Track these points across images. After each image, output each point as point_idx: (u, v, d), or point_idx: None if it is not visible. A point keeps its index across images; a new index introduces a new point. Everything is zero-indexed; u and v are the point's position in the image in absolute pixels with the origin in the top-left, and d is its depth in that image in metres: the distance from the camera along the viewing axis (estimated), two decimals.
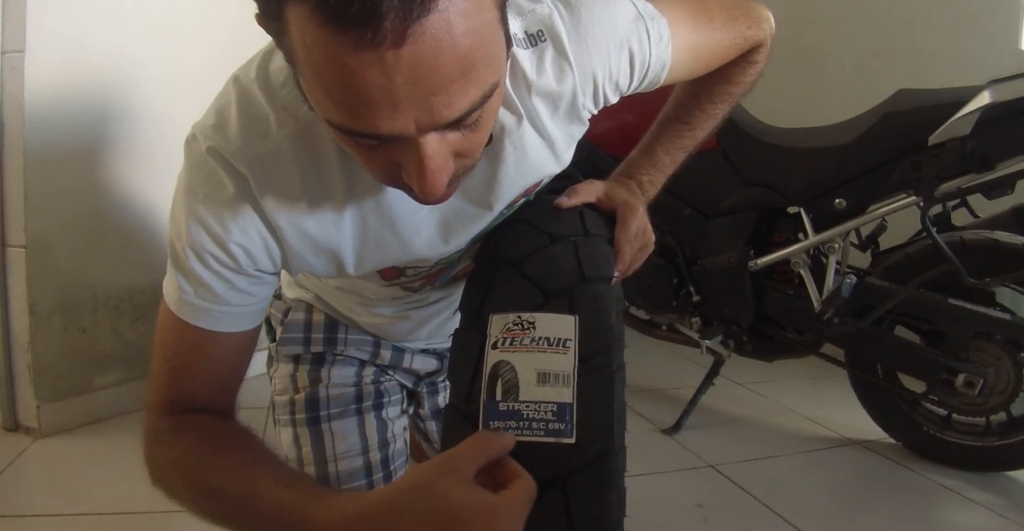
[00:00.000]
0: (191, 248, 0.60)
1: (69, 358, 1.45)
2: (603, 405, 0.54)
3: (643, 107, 1.66)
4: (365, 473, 0.89)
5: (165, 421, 0.65)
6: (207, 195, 0.59)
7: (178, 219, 0.62)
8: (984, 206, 1.44)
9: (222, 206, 0.59)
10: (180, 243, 0.61)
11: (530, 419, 0.53)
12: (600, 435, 0.53)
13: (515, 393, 0.54)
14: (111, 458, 1.35)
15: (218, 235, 0.59)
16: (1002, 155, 1.28)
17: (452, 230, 0.68)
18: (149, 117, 1.55)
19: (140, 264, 1.59)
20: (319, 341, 0.92)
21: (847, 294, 1.45)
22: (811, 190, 1.49)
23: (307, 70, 0.44)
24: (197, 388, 0.65)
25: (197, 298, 0.61)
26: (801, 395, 1.98)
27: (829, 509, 1.35)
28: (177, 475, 0.65)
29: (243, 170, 0.58)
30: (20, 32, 1.30)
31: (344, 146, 0.51)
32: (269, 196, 0.59)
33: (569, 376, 0.54)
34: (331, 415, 0.90)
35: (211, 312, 0.62)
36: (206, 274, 0.60)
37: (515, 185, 0.68)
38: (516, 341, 0.55)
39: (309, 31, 0.40)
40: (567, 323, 0.56)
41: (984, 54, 2.07)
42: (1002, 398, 1.40)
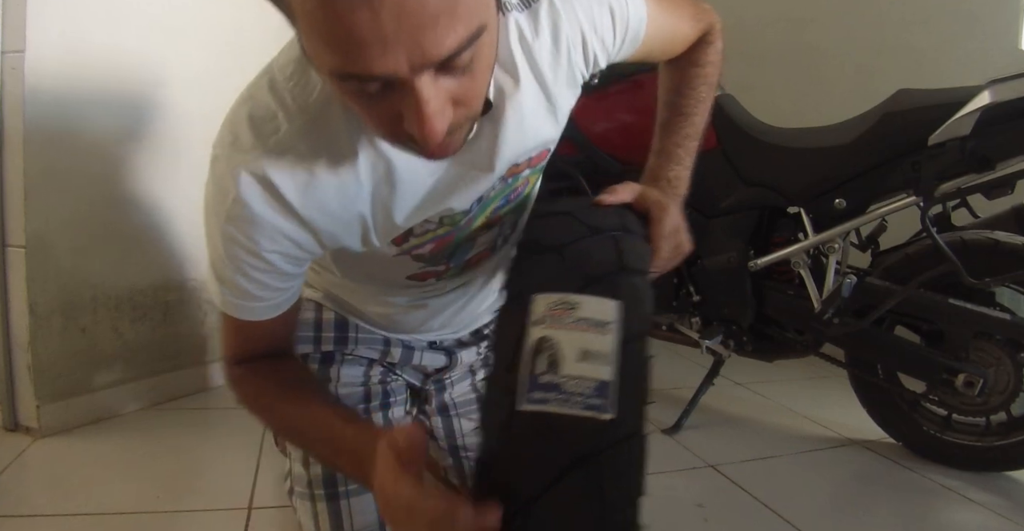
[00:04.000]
0: (230, 262, 0.66)
1: (69, 358, 1.45)
2: (639, 387, 0.56)
3: (640, 107, 1.66)
4: None
5: (240, 368, 0.77)
6: (232, 215, 0.63)
7: (213, 237, 0.67)
8: (984, 206, 1.44)
9: (248, 223, 0.63)
10: (218, 258, 0.67)
11: (570, 393, 0.54)
12: (635, 415, 0.55)
13: (556, 368, 0.55)
14: (111, 458, 1.35)
15: (252, 249, 0.65)
16: (1002, 155, 1.28)
17: (451, 192, 0.71)
18: (149, 117, 1.55)
19: (140, 264, 1.59)
20: (329, 340, 0.94)
21: (847, 294, 1.45)
22: (811, 190, 1.49)
23: (304, 22, 0.47)
24: (259, 348, 0.77)
25: (239, 299, 0.70)
26: (801, 395, 1.98)
27: (829, 509, 1.35)
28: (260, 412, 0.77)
29: (267, 175, 0.61)
30: (20, 32, 1.30)
31: (349, 102, 0.53)
32: (295, 191, 0.63)
33: (609, 356, 0.55)
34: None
35: (253, 309, 0.72)
36: (245, 281, 0.68)
37: (517, 147, 0.71)
38: (559, 320, 0.57)
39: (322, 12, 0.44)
40: (609, 307, 0.58)
41: (984, 54, 2.07)
42: (1002, 398, 1.40)
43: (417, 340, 0.99)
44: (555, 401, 0.54)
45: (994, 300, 1.46)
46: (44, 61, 1.34)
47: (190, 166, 1.67)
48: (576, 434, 0.53)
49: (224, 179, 0.62)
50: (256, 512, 1.18)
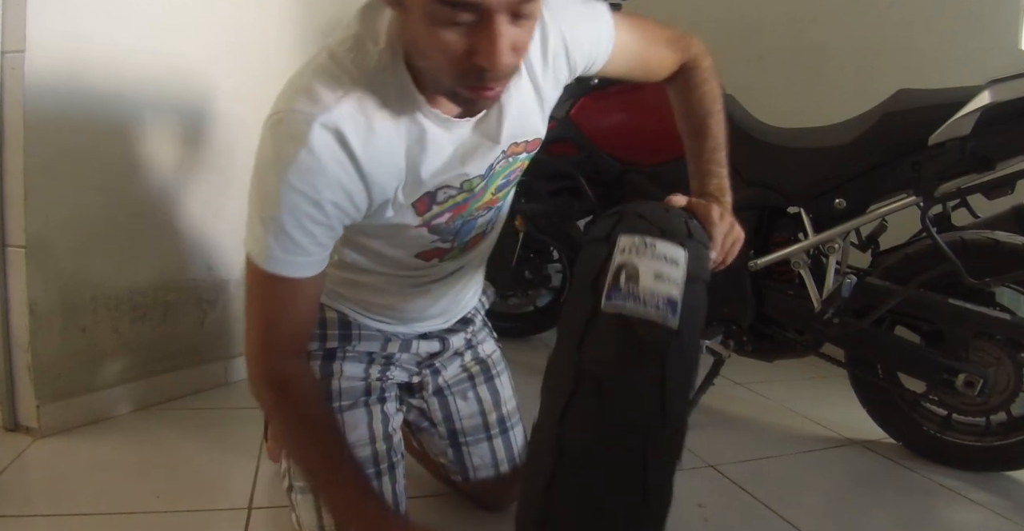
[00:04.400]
0: (288, 215, 0.74)
1: (69, 358, 1.45)
2: (697, 316, 0.69)
3: (640, 107, 1.67)
4: (372, 462, 0.97)
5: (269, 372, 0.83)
6: (300, 165, 0.72)
7: (269, 190, 0.74)
8: (984, 206, 1.44)
9: (314, 173, 0.73)
10: (273, 210, 0.74)
11: (645, 302, 0.66)
12: (694, 335, 0.67)
13: (635, 283, 0.67)
14: (111, 458, 1.35)
15: (313, 198, 0.74)
16: (1002, 155, 1.28)
17: (468, 157, 0.84)
18: (150, 117, 1.55)
19: (140, 264, 1.59)
20: (334, 337, 1.02)
21: (847, 294, 1.45)
22: (811, 190, 1.49)
23: None
24: (286, 333, 0.83)
25: (289, 254, 0.77)
26: (801, 395, 1.98)
27: (829, 509, 1.35)
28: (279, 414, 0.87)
29: (338, 127, 0.73)
30: (20, 32, 1.30)
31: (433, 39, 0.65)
32: (358, 141, 0.74)
33: (678, 282, 0.68)
34: (343, 406, 0.98)
35: (301, 264, 0.78)
36: (299, 233, 0.76)
37: (516, 127, 0.85)
38: (640, 253, 0.70)
39: None
40: (679, 251, 0.71)
41: (984, 54, 2.07)
42: (1002, 398, 1.40)
43: (413, 332, 1.07)
44: (632, 305, 0.65)
45: (994, 300, 1.46)
46: (44, 61, 1.34)
47: (191, 166, 1.67)
48: (647, 330, 0.64)
49: (295, 133, 0.72)
50: (256, 512, 1.18)
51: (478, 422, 1.16)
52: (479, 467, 1.17)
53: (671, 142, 1.62)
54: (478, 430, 1.16)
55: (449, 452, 1.17)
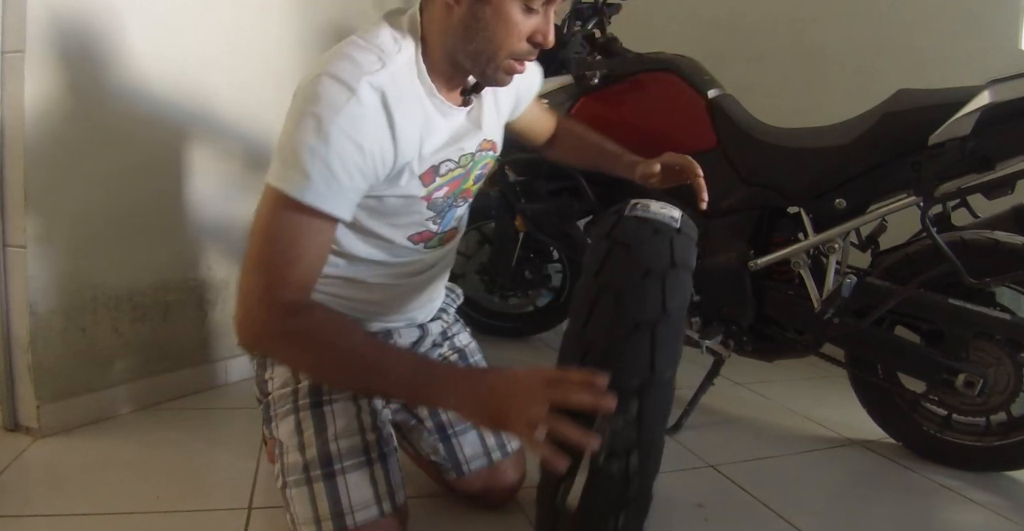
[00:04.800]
0: (335, 152, 0.83)
1: (69, 358, 1.46)
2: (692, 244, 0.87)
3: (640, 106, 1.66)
4: (364, 451, 1.00)
5: (285, 307, 0.84)
6: (349, 112, 0.83)
7: (318, 131, 0.82)
8: (984, 206, 1.44)
9: (361, 119, 0.84)
10: (321, 148, 0.82)
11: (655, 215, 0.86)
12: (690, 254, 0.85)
13: (647, 208, 0.87)
14: (111, 458, 1.35)
15: (357, 140, 0.84)
16: (1002, 155, 1.28)
17: (462, 137, 1.01)
18: (150, 117, 1.55)
19: (140, 264, 1.59)
20: None
21: (847, 294, 1.45)
22: (811, 190, 1.49)
23: None
24: (301, 273, 0.86)
25: (327, 188, 0.83)
26: (801, 395, 1.98)
27: (829, 509, 1.35)
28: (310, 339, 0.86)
29: (382, 86, 0.86)
30: (20, 32, 1.30)
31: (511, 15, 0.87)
32: (394, 102, 0.87)
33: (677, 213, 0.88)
34: (332, 400, 1.02)
35: (334, 199, 0.85)
36: (341, 171, 0.84)
37: (486, 123, 1.05)
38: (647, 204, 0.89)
39: None
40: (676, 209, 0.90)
41: (984, 54, 2.07)
42: (1002, 398, 1.40)
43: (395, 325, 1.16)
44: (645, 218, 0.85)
45: (994, 300, 1.46)
46: (44, 61, 1.34)
47: (192, 166, 1.67)
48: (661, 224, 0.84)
49: (346, 85, 0.83)
50: (256, 512, 1.18)
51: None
52: (472, 457, 1.18)
53: (671, 142, 1.63)
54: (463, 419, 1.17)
55: (440, 447, 1.18)
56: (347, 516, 0.96)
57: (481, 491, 1.22)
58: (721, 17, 2.70)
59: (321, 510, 0.96)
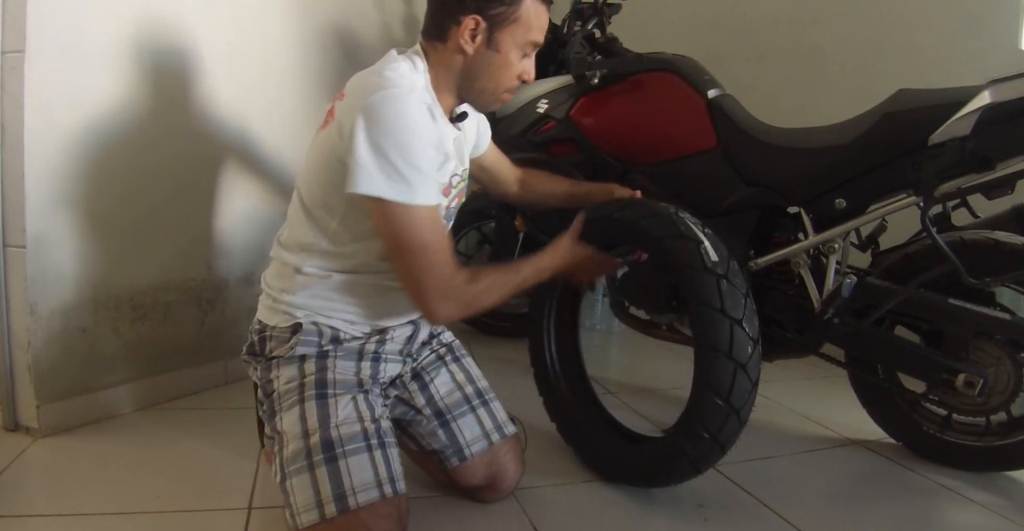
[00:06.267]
0: (421, 156, 1.00)
1: (69, 358, 1.46)
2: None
3: (640, 106, 1.66)
4: (363, 437, 1.05)
5: (458, 276, 1.06)
6: (418, 120, 1.01)
7: (400, 142, 0.98)
8: (984, 206, 1.44)
9: (425, 126, 1.02)
10: (410, 156, 0.98)
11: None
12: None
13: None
14: (111, 458, 1.35)
15: (431, 143, 1.03)
16: (1002, 155, 1.27)
17: (458, 156, 1.18)
18: (150, 117, 1.55)
19: (140, 264, 1.59)
20: (328, 341, 1.13)
21: (847, 294, 1.45)
22: (811, 190, 1.49)
23: (526, 19, 1.08)
24: (443, 249, 1.05)
25: (424, 186, 1.01)
26: (801, 395, 1.98)
27: (829, 509, 1.35)
28: (492, 288, 1.12)
29: (427, 101, 1.05)
30: (20, 32, 1.30)
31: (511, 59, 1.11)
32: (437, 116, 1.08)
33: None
34: (336, 393, 1.08)
35: (431, 194, 1.03)
36: (430, 170, 1.02)
37: (467, 146, 1.27)
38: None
39: (532, 4, 1.08)
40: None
41: (984, 54, 2.07)
42: (1002, 398, 1.40)
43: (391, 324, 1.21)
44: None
45: (994, 300, 1.46)
46: (44, 61, 1.34)
47: (191, 166, 1.67)
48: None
49: (407, 102, 1.00)
50: (256, 512, 1.18)
51: (458, 396, 1.26)
52: (472, 441, 1.23)
53: (671, 142, 1.63)
54: (460, 404, 1.25)
55: (440, 433, 1.22)
56: (349, 497, 0.99)
57: (483, 483, 1.24)
58: (721, 17, 2.70)
59: (323, 493, 0.99)
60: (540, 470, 1.40)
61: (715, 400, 1.14)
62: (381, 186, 0.97)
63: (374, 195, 0.98)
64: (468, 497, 1.27)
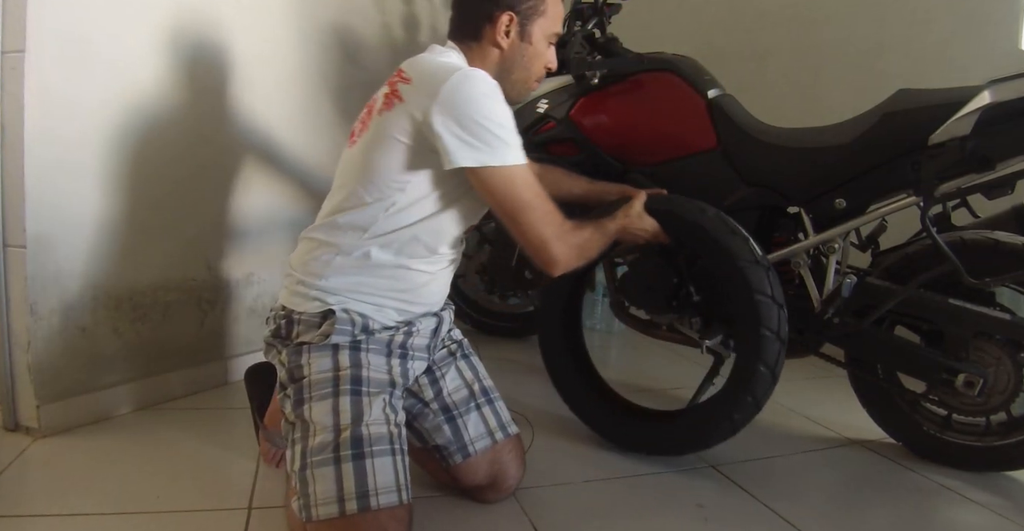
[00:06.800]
0: (506, 117, 1.07)
1: (69, 358, 1.46)
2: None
3: (641, 106, 1.66)
4: (389, 440, 1.06)
5: (567, 223, 1.16)
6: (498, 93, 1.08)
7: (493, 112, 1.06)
8: (984, 206, 1.44)
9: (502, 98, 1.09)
10: (505, 124, 1.07)
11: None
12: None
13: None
14: (111, 458, 1.35)
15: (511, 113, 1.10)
16: (1002, 155, 1.27)
17: None
18: (149, 117, 1.55)
19: (140, 264, 1.59)
20: (360, 331, 1.14)
21: (847, 294, 1.45)
22: (811, 190, 1.49)
23: (552, 11, 1.20)
24: (551, 204, 1.14)
25: (516, 148, 1.08)
26: (801, 395, 1.98)
27: (829, 509, 1.35)
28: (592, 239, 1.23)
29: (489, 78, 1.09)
30: (20, 32, 1.30)
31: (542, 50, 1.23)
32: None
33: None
34: (371, 391, 1.10)
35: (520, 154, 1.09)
36: (514, 130, 1.09)
37: None
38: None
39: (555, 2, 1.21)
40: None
41: (984, 54, 2.07)
42: (1002, 398, 1.40)
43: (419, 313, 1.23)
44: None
45: (994, 300, 1.46)
46: (44, 61, 1.34)
47: (191, 165, 1.67)
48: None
49: (489, 81, 1.07)
50: (256, 512, 1.18)
51: (465, 394, 1.27)
52: (476, 438, 1.24)
53: (671, 142, 1.63)
54: (466, 401, 1.26)
55: (445, 428, 1.23)
56: (371, 497, 0.99)
57: (484, 482, 1.24)
58: (721, 17, 2.70)
59: (347, 489, 0.99)
60: (540, 470, 1.40)
61: (764, 370, 1.34)
62: (482, 155, 1.05)
63: (477, 165, 1.05)
64: (469, 497, 1.27)
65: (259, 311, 1.91)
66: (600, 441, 1.58)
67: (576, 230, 1.17)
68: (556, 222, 1.13)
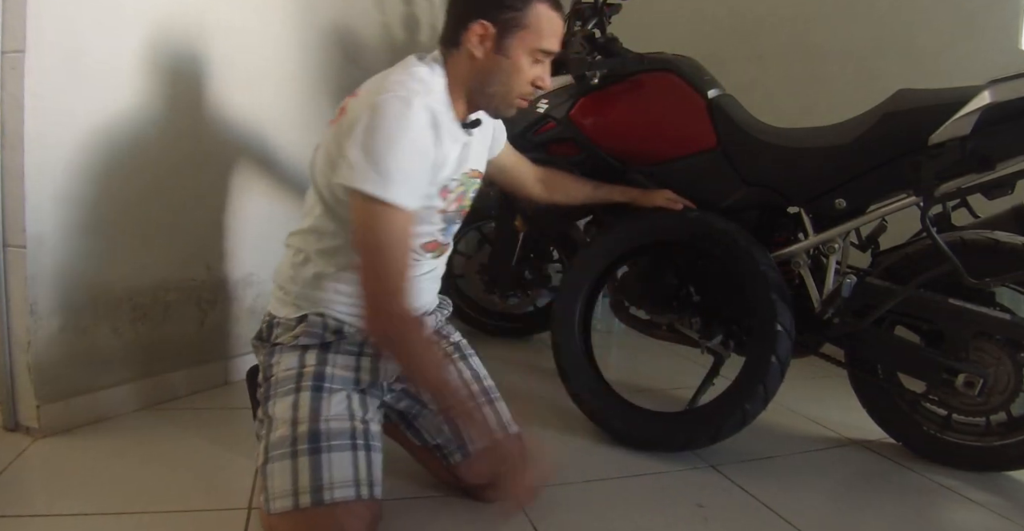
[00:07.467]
0: (406, 156, 1.01)
1: (69, 358, 1.46)
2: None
3: (641, 106, 1.66)
4: (350, 435, 1.06)
5: (397, 299, 1.02)
6: (412, 124, 1.02)
7: (391, 141, 1.00)
8: (984, 206, 1.44)
9: (418, 130, 1.03)
10: (395, 154, 1.00)
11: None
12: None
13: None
14: (111, 458, 1.35)
15: (420, 147, 1.03)
16: (1002, 155, 1.28)
17: (462, 162, 1.19)
18: (150, 117, 1.55)
19: (140, 264, 1.59)
20: (331, 333, 1.15)
21: (847, 294, 1.45)
22: (811, 190, 1.49)
23: (536, 25, 1.11)
24: (396, 257, 1.03)
25: (405, 188, 1.01)
26: (801, 395, 1.98)
27: (829, 509, 1.35)
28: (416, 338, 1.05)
29: (429, 106, 1.05)
30: (20, 32, 1.30)
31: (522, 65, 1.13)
32: (436, 121, 1.07)
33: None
34: (333, 387, 1.11)
35: (407, 194, 1.02)
36: (411, 170, 1.02)
37: (478, 151, 1.25)
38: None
39: (544, 11, 1.10)
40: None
41: (984, 54, 2.07)
42: (1002, 398, 1.40)
43: None
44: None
45: (994, 300, 1.46)
46: (44, 61, 1.34)
47: (192, 165, 1.67)
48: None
49: (407, 104, 1.02)
50: (256, 512, 1.18)
51: (464, 394, 1.23)
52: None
53: (672, 142, 1.63)
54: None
55: (445, 428, 1.23)
56: (326, 491, 0.99)
57: (485, 482, 1.23)
58: (721, 17, 2.70)
59: (301, 483, 1.00)
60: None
61: (776, 363, 1.41)
62: (359, 178, 0.99)
63: (353, 186, 1.00)
64: (471, 496, 1.27)
65: (259, 311, 1.91)
66: (599, 441, 1.58)
67: (403, 315, 1.03)
68: (384, 289, 1.01)
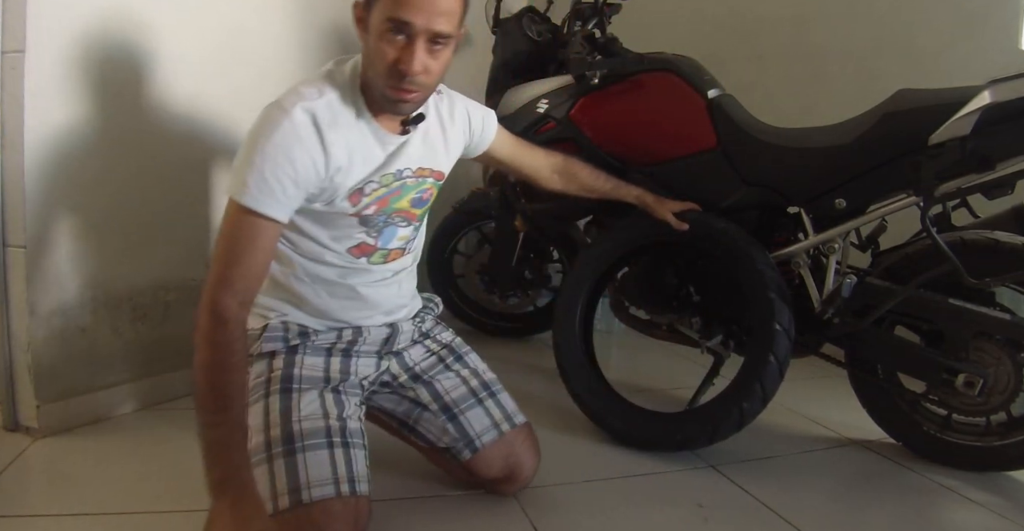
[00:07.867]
0: (268, 163, 0.97)
1: (69, 358, 1.46)
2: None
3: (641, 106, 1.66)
4: (325, 433, 1.05)
5: (216, 306, 0.96)
6: (283, 129, 0.99)
7: (257, 146, 0.98)
8: (984, 206, 1.44)
9: (290, 136, 0.99)
10: (257, 160, 0.97)
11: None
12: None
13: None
14: (111, 458, 1.35)
15: (288, 154, 0.99)
16: (1002, 155, 1.27)
17: (389, 162, 1.11)
18: (149, 117, 1.55)
19: (140, 265, 1.59)
20: (295, 336, 1.15)
21: (847, 294, 1.45)
22: (811, 190, 1.49)
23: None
24: (243, 273, 0.98)
25: (260, 193, 0.97)
26: (801, 395, 1.98)
27: (829, 509, 1.35)
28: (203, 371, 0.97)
29: (314, 111, 1.01)
30: (20, 32, 1.30)
31: (380, 42, 0.97)
32: (324, 123, 1.02)
33: None
34: (301, 388, 1.10)
35: (267, 203, 0.98)
36: (272, 179, 0.98)
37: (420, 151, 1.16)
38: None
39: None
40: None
41: (984, 54, 2.07)
42: (1002, 398, 1.40)
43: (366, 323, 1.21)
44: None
45: (994, 300, 1.46)
46: (44, 61, 1.34)
47: (192, 165, 1.67)
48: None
49: (283, 110, 0.99)
50: None
51: (464, 391, 1.26)
52: (482, 432, 1.23)
53: (672, 142, 1.63)
54: (466, 397, 1.25)
55: (449, 427, 1.22)
56: (303, 491, 0.99)
57: (500, 475, 1.25)
58: (721, 17, 2.70)
59: (279, 486, 0.99)
60: (540, 470, 1.40)
61: (774, 362, 1.42)
62: (229, 185, 1.00)
63: (228, 194, 1.00)
64: (487, 490, 1.28)
65: None
66: (599, 440, 1.58)
67: (231, 335, 0.97)
68: (218, 298, 0.96)
